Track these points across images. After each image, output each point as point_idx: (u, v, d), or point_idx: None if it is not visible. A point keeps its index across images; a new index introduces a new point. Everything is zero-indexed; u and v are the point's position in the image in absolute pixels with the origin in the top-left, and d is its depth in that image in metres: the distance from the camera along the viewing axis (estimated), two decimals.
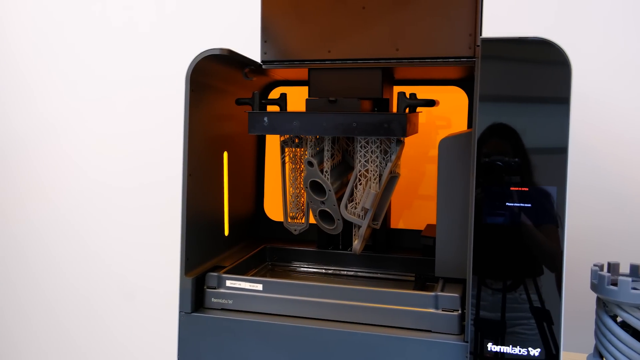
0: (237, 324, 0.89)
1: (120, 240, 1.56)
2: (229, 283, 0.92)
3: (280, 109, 1.03)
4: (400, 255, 1.07)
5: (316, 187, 0.99)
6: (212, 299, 0.92)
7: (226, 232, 1.06)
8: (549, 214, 0.76)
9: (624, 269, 0.87)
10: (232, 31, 1.41)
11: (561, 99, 0.75)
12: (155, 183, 1.51)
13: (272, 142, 1.22)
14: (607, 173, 1.17)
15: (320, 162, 0.99)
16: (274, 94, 1.20)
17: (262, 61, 0.98)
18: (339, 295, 0.88)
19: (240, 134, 1.11)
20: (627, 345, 0.79)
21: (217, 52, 0.89)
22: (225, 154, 1.05)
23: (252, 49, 1.03)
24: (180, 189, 0.91)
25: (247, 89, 1.09)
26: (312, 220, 1.05)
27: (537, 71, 0.76)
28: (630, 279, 0.78)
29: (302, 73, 1.02)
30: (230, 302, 0.92)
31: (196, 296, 0.92)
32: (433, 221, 1.01)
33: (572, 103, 0.75)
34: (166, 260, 1.50)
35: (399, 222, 1.24)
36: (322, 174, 0.98)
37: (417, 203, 1.25)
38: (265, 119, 0.94)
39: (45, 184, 1.60)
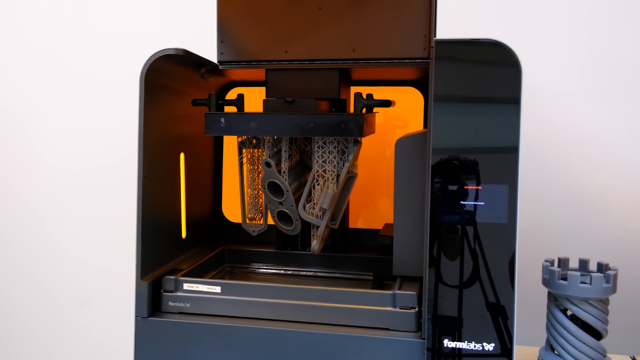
0: (195, 327, 0.88)
1: (73, 244, 1.52)
2: (186, 286, 0.91)
3: (238, 110, 1.02)
4: (358, 255, 1.08)
5: (274, 188, 0.99)
6: (170, 302, 0.91)
7: (183, 235, 1.05)
8: (501, 211, 0.77)
9: (574, 263, 0.89)
10: (189, 31, 1.39)
11: (512, 99, 0.77)
12: (110, 184, 1.48)
13: (230, 143, 1.21)
14: (557, 171, 1.21)
15: (278, 163, 0.98)
16: (231, 94, 1.19)
17: (218, 61, 0.97)
18: (298, 296, 0.88)
19: (197, 135, 1.09)
20: (576, 338, 0.82)
21: (172, 52, 0.88)
22: (182, 156, 1.03)
23: (209, 49, 1.02)
24: (136, 191, 0.89)
25: (204, 90, 1.08)
26: (270, 221, 1.05)
27: (489, 72, 0.78)
28: (579, 273, 0.81)
29: (259, 73, 1.02)
30: (188, 305, 0.90)
31: (153, 300, 0.90)
32: (391, 220, 1.02)
33: (522, 103, 0.77)
34: (123, 264, 1.47)
35: (357, 221, 1.25)
36: (280, 174, 0.98)
37: (375, 202, 1.26)
38: (222, 119, 0.93)
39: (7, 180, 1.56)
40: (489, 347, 0.78)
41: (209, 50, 1.01)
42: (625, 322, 1.15)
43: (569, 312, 0.84)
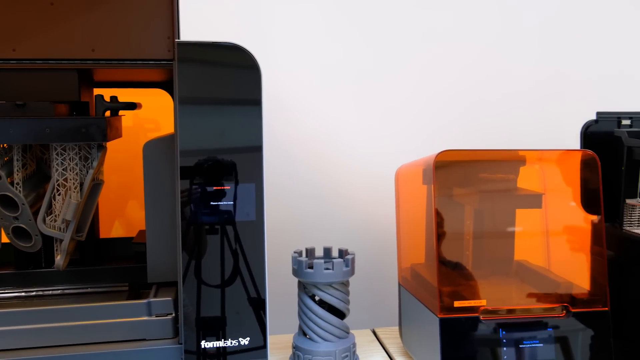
0: None
1: None
2: None
3: None
4: (111, 266, 1.02)
5: (7, 202, 0.88)
6: None
7: None
8: (250, 209, 0.81)
9: (320, 252, 0.97)
10: None
11: (253, 100, 0.80)
12: None
13: None
14: (301, 167, 1.29)
15: (10, 174, 0.88)
16: None
17: None
18: (42, 319, 0.80)
19: None
20: (323, 320, 0.89)
21: None
22: None
23: None
24: None
25: None
26: (5, 239, 0.93)
27: (231, 75, 0.80)
28: (322, 260, 0.88)
29: None
30: None
31: None
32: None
33: (265, 104, 0.81)
34: None
35: (111, 231, 1.19)
36: (13, 186, 0.88)
37: (129, 209, 1.21)
38: None
39: None
40: (245, 341, 0.81)
41: None
42: (365, 300, 1.29)
43: (316, 298, 0.91)
